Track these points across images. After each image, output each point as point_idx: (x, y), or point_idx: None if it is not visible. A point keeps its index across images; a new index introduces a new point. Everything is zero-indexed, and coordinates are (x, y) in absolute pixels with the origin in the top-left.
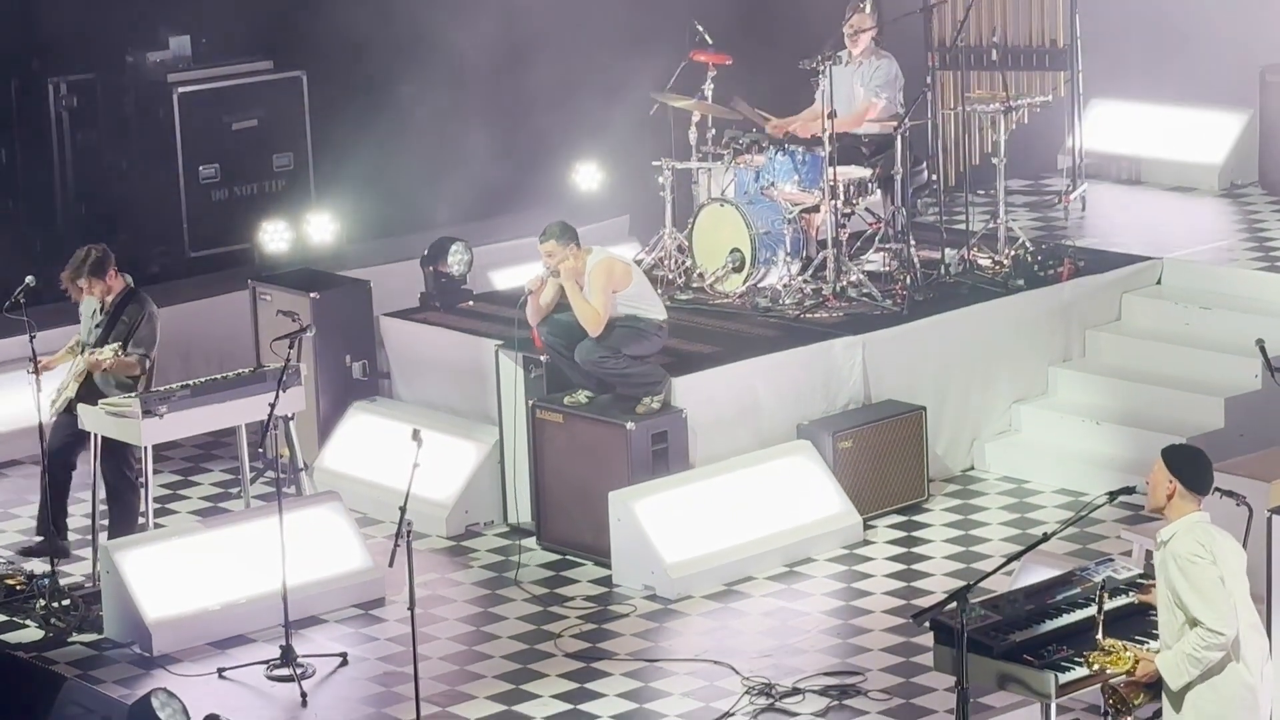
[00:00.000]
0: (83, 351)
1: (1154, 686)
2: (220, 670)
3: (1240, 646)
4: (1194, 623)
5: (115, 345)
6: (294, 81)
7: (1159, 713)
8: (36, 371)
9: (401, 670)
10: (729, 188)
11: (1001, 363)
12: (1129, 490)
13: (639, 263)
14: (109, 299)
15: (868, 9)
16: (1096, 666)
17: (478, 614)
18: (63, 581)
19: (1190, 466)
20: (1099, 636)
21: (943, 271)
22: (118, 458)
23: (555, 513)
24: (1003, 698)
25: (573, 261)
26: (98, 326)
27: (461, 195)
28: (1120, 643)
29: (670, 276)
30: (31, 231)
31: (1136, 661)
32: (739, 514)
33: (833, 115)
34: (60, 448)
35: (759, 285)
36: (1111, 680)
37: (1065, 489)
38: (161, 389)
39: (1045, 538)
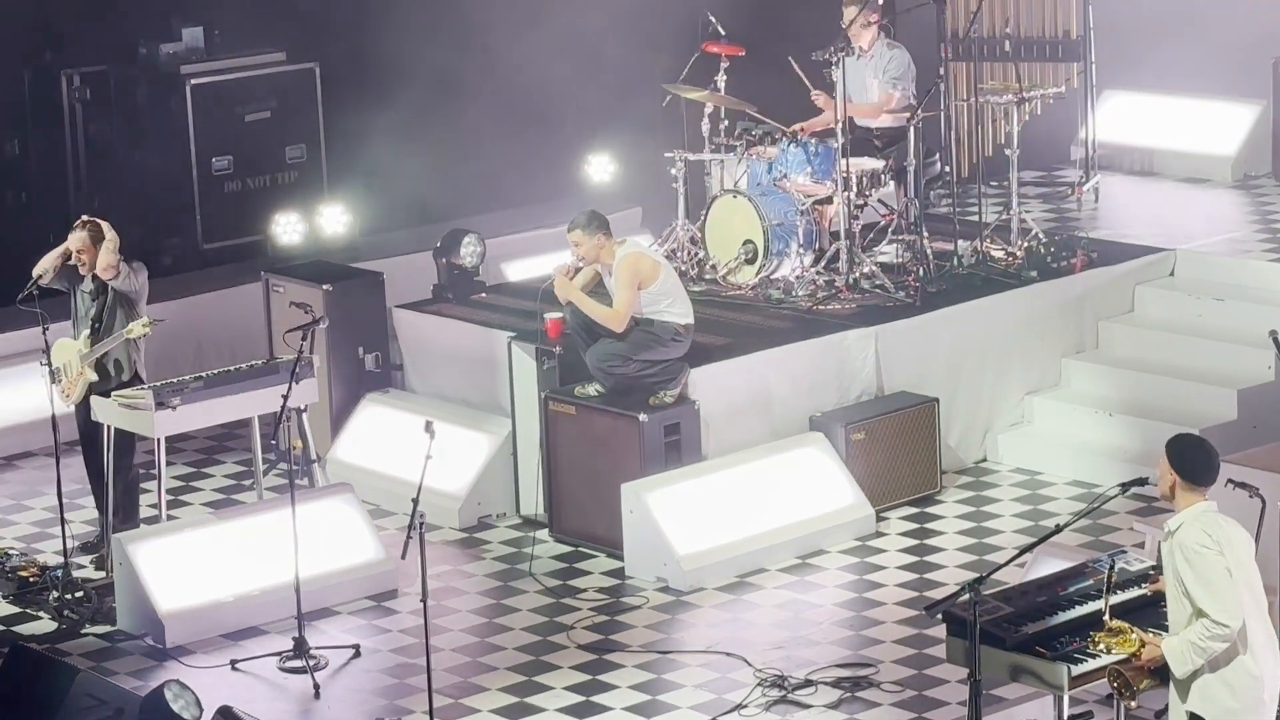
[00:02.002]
0: (91, 331)
1: (1159, 671)
2: (233, 662)
3: (1247, 636)
4: (1200, 613)
5: (144, 319)
6: (307, 73)
7: (1168, 707)
8: (50, 364)
9: (414, 662)
10: (742, 179)
11: (1014, 354)
12: (1141, 481)
13: None
14: (98, 272)
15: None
16: (1103, 646)
17: (490, 606)
18: (75, 573)
19: (1189, 459)
20: (1105, 617)
21: (956, 263)
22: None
23: (568, 505)
24: (1015, 689)
25: (579, 276)
26: (92, 298)
27: (474, 187)
28: (1127, 624)
29: (683, 268)
30: (44, 223)
31: (1143, 644)
32: (751, 506)
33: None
34: (99, 451)
35: (772, 277)
36: (1117, 663)
37: (1078, 480)
38: (174, 380)
39: (1058, 529)
